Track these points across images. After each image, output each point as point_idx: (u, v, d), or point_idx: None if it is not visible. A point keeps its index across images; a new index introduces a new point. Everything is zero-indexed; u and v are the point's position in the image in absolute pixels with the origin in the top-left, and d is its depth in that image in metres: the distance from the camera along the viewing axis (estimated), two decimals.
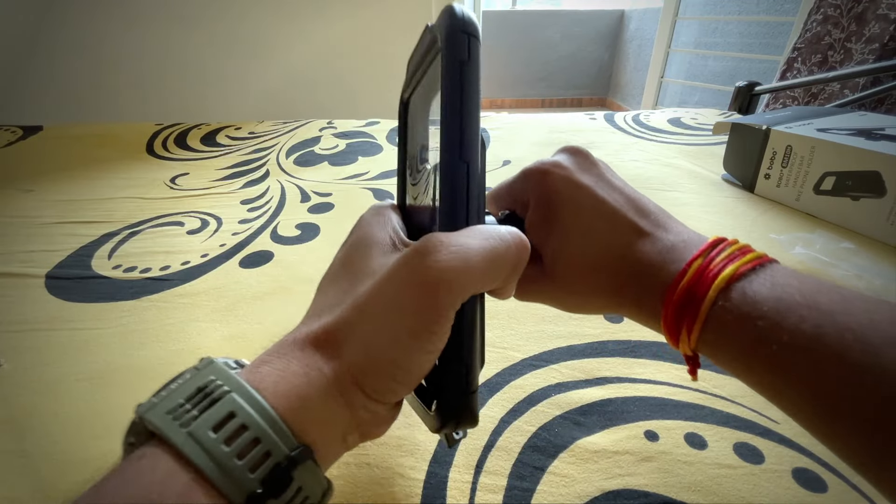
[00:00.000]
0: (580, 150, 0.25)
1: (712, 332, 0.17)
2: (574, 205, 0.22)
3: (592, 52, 3.82)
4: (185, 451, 0.13)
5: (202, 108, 1.65)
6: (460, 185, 0.18)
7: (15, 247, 0.54)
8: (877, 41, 1.21)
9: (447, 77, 0.18)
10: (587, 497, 0.26)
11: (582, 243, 0.22)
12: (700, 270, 0.18)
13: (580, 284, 0.22)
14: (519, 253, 0.19)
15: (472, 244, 0.17)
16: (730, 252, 0.18)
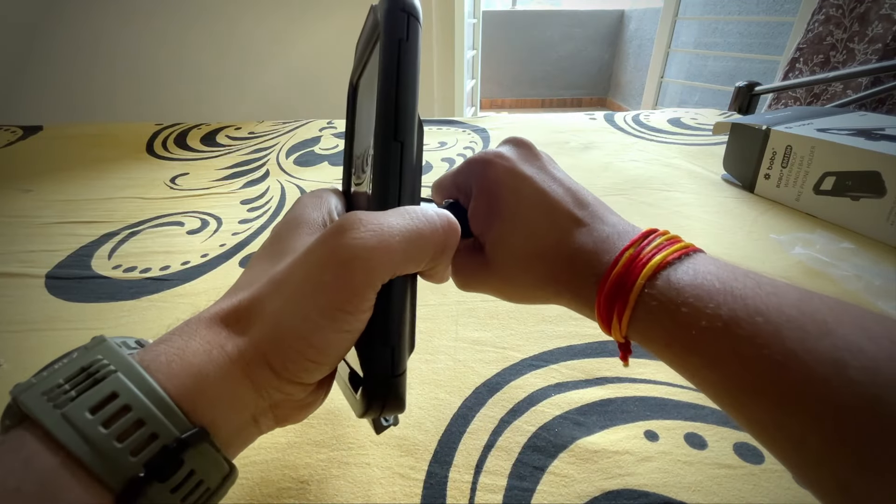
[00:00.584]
0: (523, 142, 0.25)
1: (641, 319, 0.18)
2: (515, 195, 0.22)
3: (592, 52, 3.82)
4: (55, 433, 0.13)
5: (202, 108, 1.65)
6: (393, 165, 0.18)
7: (15, 247, 0.54)
8: (879, 41, 1.21)
9: (384, 55, 0.17)
10: (587, 497, 0.26)
11: (522, 233, 0.22)
12: (630, 259, 0.19)
13: (519, 273, 0.22)
14: (446, 234, 0.19)
15: (394, 223, 0.17)
16: (659, 242, 0.19)
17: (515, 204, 0.22)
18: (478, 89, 2.44)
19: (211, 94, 1.67)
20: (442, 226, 0.18)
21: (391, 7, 0.17)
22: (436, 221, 0.18)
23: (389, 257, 0.16)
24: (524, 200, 0.22)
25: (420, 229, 0.17)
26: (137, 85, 1.62)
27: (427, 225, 0.18)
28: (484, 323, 0.40)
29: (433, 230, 0.18)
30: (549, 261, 0.22)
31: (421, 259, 0.18)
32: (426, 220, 0.18)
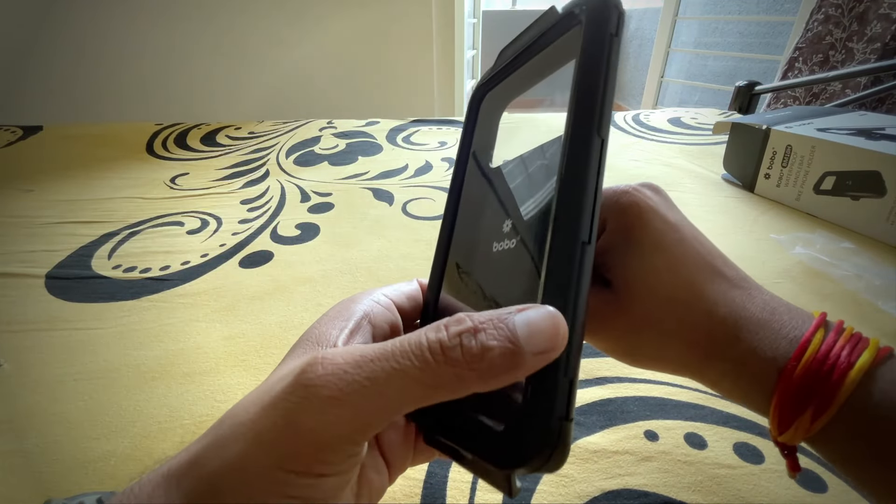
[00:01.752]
0: (661, 189, 0.22)
1: (837, 427, 0.16)
2: (660, 236, 0.20)
3: None
4: None
5: (202, 108, 1.65)
6: (589, 178, 0.14)
7: (15, 247, 0.54)
8: (878, 41, 1.21)
9: (594, 47, 0.15)
10: (587, 497, 0.26)
11: (668, 277, 0.19)
12: (825, 352, 0.16)
13: (657, 312, 0.19)
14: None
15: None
16: (849, 334, 0.17)
17: (660, 238, 0.20)
18: None
19: (211, 94, 1.67)
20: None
21: (605, 1, 0.15)
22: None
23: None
24: (671, 244, 0.20)
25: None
26: (137, 85, 1.62)
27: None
28: None
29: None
30: (697, 311, 0.19)
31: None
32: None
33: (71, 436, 0.31)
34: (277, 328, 0.40)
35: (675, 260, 0.20)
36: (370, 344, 0.14)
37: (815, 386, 0.16)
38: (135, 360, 0.37)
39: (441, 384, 0.12)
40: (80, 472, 0.28)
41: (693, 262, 0.20)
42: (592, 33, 0.15)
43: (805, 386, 0.16)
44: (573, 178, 0.14)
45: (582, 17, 0.16)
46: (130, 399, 0.33)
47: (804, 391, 0.16)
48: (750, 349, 0.18)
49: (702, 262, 0.20)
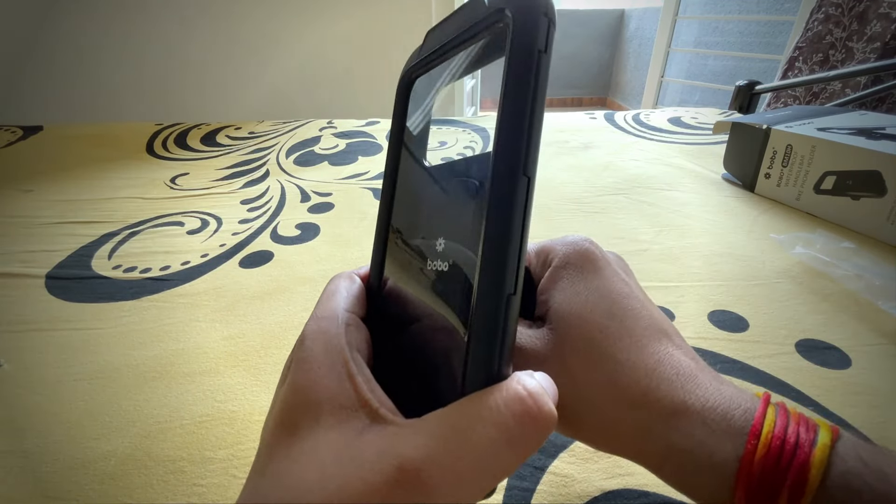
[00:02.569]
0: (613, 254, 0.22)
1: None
2: (609, 283, 0.19)
3: (592, 51, 3.82)
4: None
5: (202, 108, 1.65)
6: (514, 230, 0.13)
7: (15, 247, 0.54)
8: (878, 40, 1.21)
9: (521, 66, 0.13)
10: (587, 497, 0.26)
11: (609, 322, 0.18)
12: (781, 433, 0.15)
13: (594, 360, 0.17)
14: (540, 440, 0.12)
15: (467, 469, 0.11)
16: (795, 414, 0.16)
17: (609, 285, 0.19)
18: (478, 88, 2.44)
19: (211, 94, 1.67)
20: (539, 434, 0.12)
21: (532, 8, 0.13)
22: (537, 436, 0.12)
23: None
24: (619, 286, 0.19)
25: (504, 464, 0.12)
26: (138, 85, 1.62)
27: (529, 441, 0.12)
28: None
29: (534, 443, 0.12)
30: (638, 365, 0.17)
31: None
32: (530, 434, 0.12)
33: (71, 436, 0.31)
34: (277, 328, 0.40)
35: (620, 308, 0.18)
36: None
37: (781, 466, 0.15)
38: (135, 360, 0.37)
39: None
40: (80, 472, 0.28)
41: (640, 315, 0.18)
42: (518, 49, 0.13)
43: (771, 467, 0.15)
44: (497, 230, 0.13)
45: (509, 22, 0.14)
46: (130, 399, 0.33)
47: (770, 472, 0.15)
48: (701, 420, 0.16)
49: (649, 318, 0.18)
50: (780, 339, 0.36)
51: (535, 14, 0.13)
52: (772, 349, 0.35)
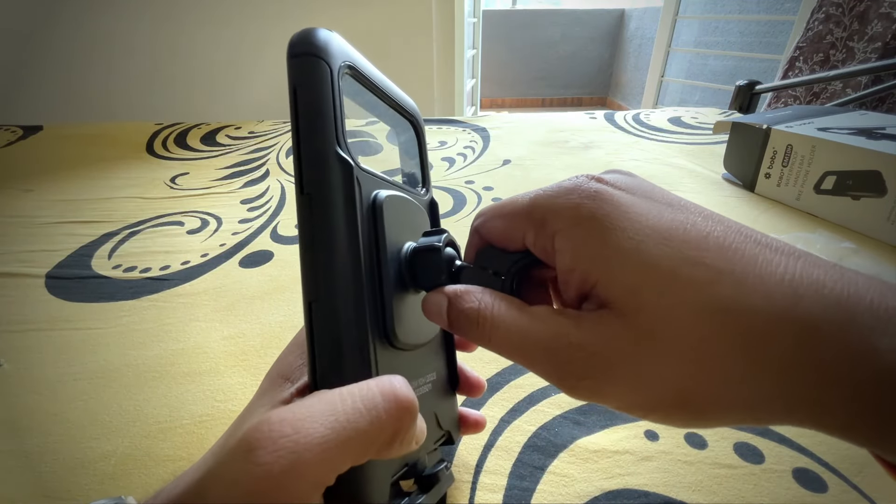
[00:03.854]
0: (621, 182, 0.17)
1: None
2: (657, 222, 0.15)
3: (593, 51, 3.82)
4: None
5: (202, 107, 1.65)
6: (308, 255, 0.15)
7: (15, 247, 0.54)
8: (879, 40, 1.21)
9: (296, 108, 0.16)
10: (587, 497, 0.26)
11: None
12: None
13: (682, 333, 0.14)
14: (396, 424, 0.14)
15: (315, 430, 0.13)
16: None
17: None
18: (478, 88, 2.43)
19: (211, 94, 1.67)
20: (390, 423, 0.14)
21: (287, 55, 0.16)
22: (382, 419, 0.14)
23: (310, 480, 0.13)
24: (683, 225, 0.15)
25: (354, 430, 0.14)
26: (137, 85, 1.62)
27: (368, 429, 0.14)
28: None
29: (378, 433, 0.14)
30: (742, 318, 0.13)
31: (361, 457, 0.14)
32: (369, 421, 0.14)
33: (71, 436, 0.31)
34: (277, 328, 0.40)
35: (690, 247, 0.14)
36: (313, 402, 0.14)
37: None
38: (135, 359, 0.37)
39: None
40: (80, 472, 0.28)
41: (715, 243, 0.14)
42: (293, 89, 0.16)
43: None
44: (301, 244, 0.15)
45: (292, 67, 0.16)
46: (130, 399, 0.33)
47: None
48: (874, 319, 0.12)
49: (724, 235, 0.14)
50: None
51: (289, 59, 0.16)
52: None
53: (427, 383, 0.21)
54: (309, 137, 0.15)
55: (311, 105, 0.15)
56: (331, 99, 0.16)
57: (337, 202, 0.15)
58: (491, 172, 0.70)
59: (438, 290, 0.17)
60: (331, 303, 0.15)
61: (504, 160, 0.74)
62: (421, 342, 0.20)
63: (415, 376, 0.19)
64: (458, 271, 0.18)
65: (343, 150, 0.16)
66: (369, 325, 0.16)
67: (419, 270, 0.18)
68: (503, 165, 0.72)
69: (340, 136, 0.16)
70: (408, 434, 0.15)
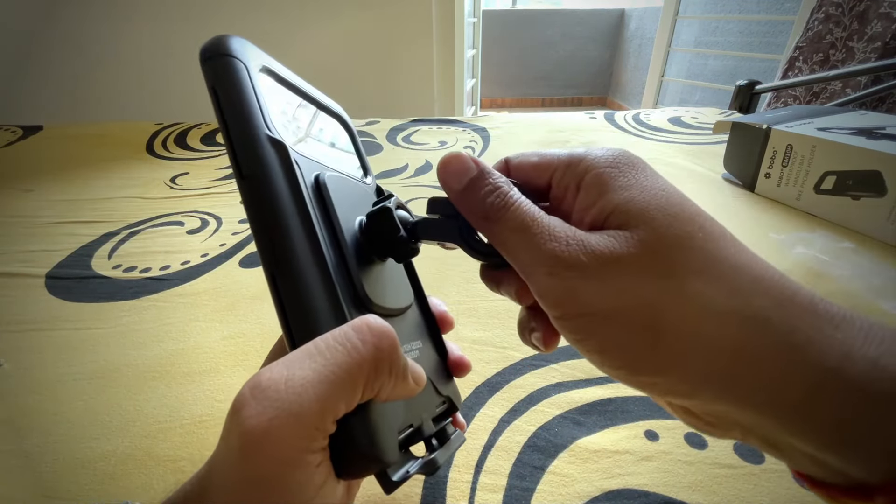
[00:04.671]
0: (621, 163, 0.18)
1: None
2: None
3: (592, 51, 3.82)
4: None
5: (202, 107, 1.65)
6: (264, 234, 0.16)
7: (15, 247, 0.54)
8: (879, 40, 1.21)
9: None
10: (587, 497, 0.26)
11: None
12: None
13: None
14: (377, 356, 0.15)
15: (301, 377, 0.14)
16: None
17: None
18: (478, 88, 2.43)
19: None
20: (368, 350, 0.14)
21: (200, 61, 0.17)
22: (359, 348, 0.14)
23: (302, 424, 0.13)
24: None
25: (335, 364, 0.14)
26: (137, 84, 1.62)
27: (348, 360, 0.14)
28: (484, 322, 0.40)
29: (358, 362, 0.14)
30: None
31: (352, 398, 0.14)
32: (346, 352, 0.14)
33: (71, 436, 0.31)
34: (277, 328, 0.40)
35: (698, 208, 0.16)
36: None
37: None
38: (135, 360, 0.37)
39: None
40: (80, 472, 0.28)
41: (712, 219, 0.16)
42: (212, 89, 0.17)
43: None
44: (252, 227, 0.16)
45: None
46: (130, 399, 0.33)
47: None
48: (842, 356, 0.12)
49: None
50: None
51: (202, 65, 0.17)
52: None
53: (413, 350, 0.21)
54: (237, 126, 0.16)
55: (232, 98, 0.16)
56: (251, 89, 0.16)
57: (277, 177, 0.16)
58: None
59: (462, 156, 0.18)
60: (294, 268, 0.15)
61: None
62: (397, 307, 0.20)
63: (401, 342, 0.20)
64: (414, 225, 0.19)
65: (273, 132, 0.16)
66: (339, 289, 0.16)
67: (376, 234, 0.19)
68: None
69: (268, 121, 0.16)
70: (394, 362, 0.15)
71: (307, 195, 0.16)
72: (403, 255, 0.19)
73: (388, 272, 0.21)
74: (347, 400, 0.14)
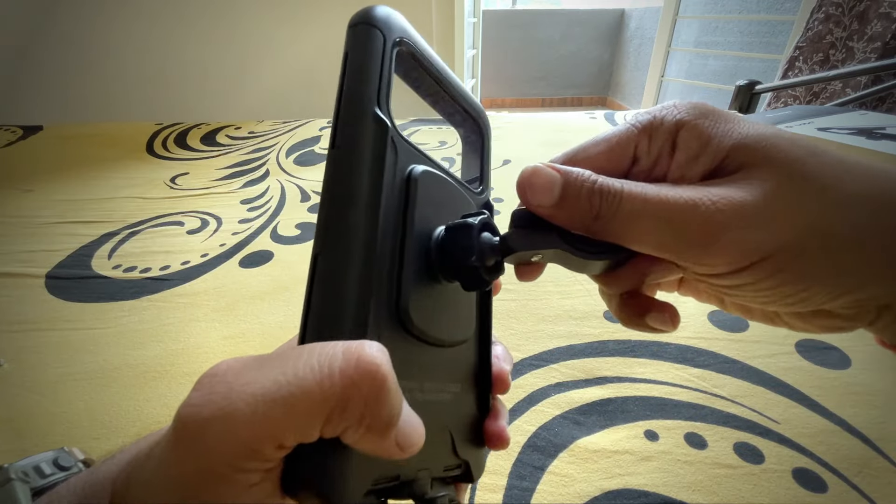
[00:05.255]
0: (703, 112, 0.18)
1: None
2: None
3: (593, 51, 3.82)
4: None
5: (202, 107, 1.65)
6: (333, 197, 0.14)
7: (15, 247, 0.54)
8: (878, 40, 1.21)
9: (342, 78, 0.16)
10: (587, 497, 0.26)
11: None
12: None
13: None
14: (350, 395, 0.12)
15: (254, 380, 0.12)
16: None
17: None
18: (478, 88, 2.44)
19: (211, 94, 1.67)
20: (342, 384, 0.12)
21: (347, 27, 0.16)
22: (333, 378, 0.12)
23: (236, 439, 0.12)
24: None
25: (299, 388, 0.12)
26: (137, 85, 1.62)
27: (314, 388, 0.12)
28: None
29: (324, 395, 0.12)
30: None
31: (306, 432, 0.12)
32: (317, 379, 0.12)
33: (71, 436, 0.31)
34: (277, 328, 0.40)
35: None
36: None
37: None
38: (135, 360, 0.37)
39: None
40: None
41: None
42: (345, 54, 0.16)
43: None
44: (321, 200, 0.15)
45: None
46: (130, 399, 0.33)
47: None
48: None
49: None
50: (780, 338, 0.36)
51: (348, 28, 0.16)
52: (772, 349, 0.35)
53: (446, 392, 0.18)
54: (349, 96, 0.15)
55: (357, 67, 0.15)
56: (379, 62, 0.15)
57: (364, 157, 0.15)
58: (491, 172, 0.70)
59: (541, 168, 0.16)
60: (335, 256, 0.14)
61: (504, 160, 0.74)
62: (443, 338, 0.18)
63: (430, 378, 0.17)
64: (503, 240, 0.17)
65: (382, 111, 0.15)
66: (376, 290, 0.14)
67: (449, 250, 0.17)
68: (503, 165, 0.72)
69: (382, 98, 0.15)
70: (370, 411, 0.13)
71: (386, 182, 0.15)
72: (472, 282, 0.17)
73: (452, 298, 0.18)
74: (299, 432, 0.12)
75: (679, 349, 0.35)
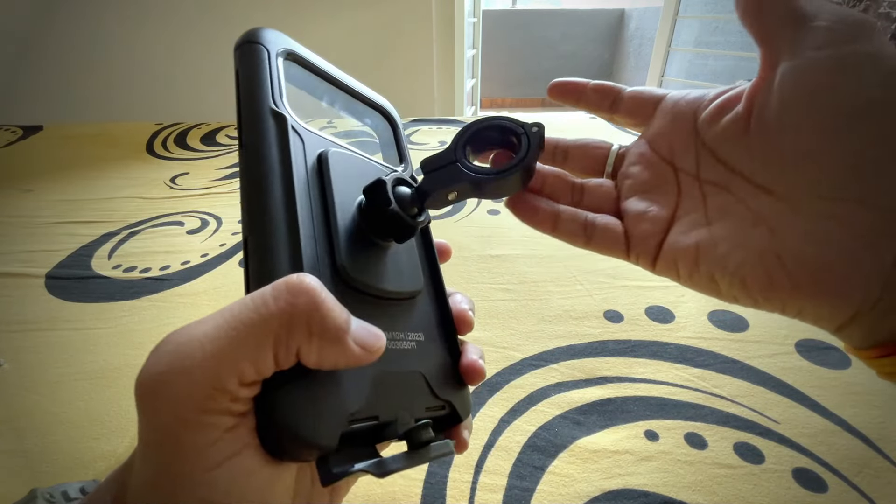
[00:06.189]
0: None
1: None
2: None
3: (592, 51, 3.82)
4: None
5: (202, 107, 1.65)
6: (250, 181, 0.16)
7: (15, 247, 0.54)
8: None
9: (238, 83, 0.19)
10: (587, 497, 0.26)
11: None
12: None
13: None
14: (290, 311, 0.13)
15: (201, 330, 0.13)
16: None
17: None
18: (478, 88, 2.43)
19: (211, 94, 1.67)
20: (278, 306, 0.13)
21: (233, 50, 0.19)
22: (268, 304, 0.13)
23: (193, 381, 0.12)
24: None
25: (239, 321, 0.13)
26: (137, 84, 1.62)
27: (253, 315, 0.13)
28: (484, 323, 0.40)
29: (264, 318, 0.13)
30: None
31: (260, 359, 0.13)
32: (254, 308, 0.13)
33: (71, 436, 0.31)
34: None
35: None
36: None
37: None
38: (135, 360, 0.37)
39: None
40: (80, 472, 0.28)
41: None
42: (236, 73, 0.18)
43: None
44: (241, 194, 0.16)
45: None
46: (130, 399, 0.33)
47: None
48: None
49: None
50: (780, 338, 0.36)
51: (234, 51, 0.19)
52: (772, 349, 0.35)
53: (408, 341, 0.19)
54: (247, 102, 0.17)
55: (248, 77, 0.17)
56: (267, 70, 0.18)
57: (270, 147, 0.17)
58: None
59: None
60: (262, 231, 0.16)
61: None
62: (388, 289, 0.19)
63: (391, 328, 0.18)
64: (417, 189, 0.20)
65: (278, 106, 0.17)
66: (306, 258, 0.16)
67: (371, 210, 0.18)
68: None
69: (277, 97, 0.17)
70: (314, 321, 0.13)
71: (297, 166, 0.17)
72: (400, 231, 0.19)
73: (394, 256, 0.20)
74: (253, 360, 0.13)
75: (679, 349, 0.35)
